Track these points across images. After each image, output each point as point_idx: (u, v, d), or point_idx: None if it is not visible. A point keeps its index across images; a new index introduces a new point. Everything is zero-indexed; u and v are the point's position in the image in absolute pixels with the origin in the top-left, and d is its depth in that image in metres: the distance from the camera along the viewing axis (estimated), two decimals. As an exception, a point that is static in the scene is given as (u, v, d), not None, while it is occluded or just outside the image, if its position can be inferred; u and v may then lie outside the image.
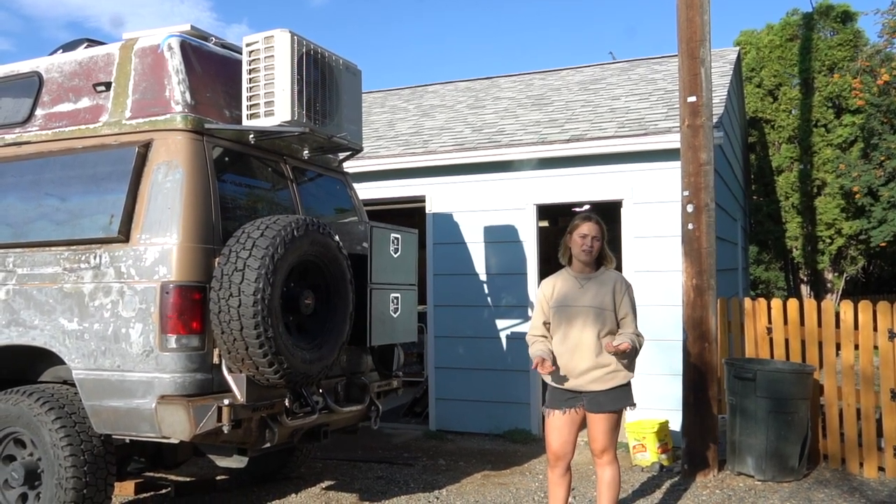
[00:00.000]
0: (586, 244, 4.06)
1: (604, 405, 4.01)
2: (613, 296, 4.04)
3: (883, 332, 5.65)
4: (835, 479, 5.64)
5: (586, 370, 4.00)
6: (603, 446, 4.05)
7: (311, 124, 4.52)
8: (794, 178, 16.07)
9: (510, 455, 6.67)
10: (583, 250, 4.07)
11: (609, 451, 4.06)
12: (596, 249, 4.08)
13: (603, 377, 3.99)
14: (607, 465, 4.07)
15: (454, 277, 7.75)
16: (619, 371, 4.01)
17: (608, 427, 4.04)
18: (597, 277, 4.10)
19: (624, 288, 4.08)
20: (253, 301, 3.90)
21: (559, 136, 7.53)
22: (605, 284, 4.07)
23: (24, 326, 4.38)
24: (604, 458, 4.07)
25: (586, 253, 4.07)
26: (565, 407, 4.07)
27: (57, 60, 4.75)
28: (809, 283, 17.48)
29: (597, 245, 4.07)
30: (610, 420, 4.04)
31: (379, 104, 11.03)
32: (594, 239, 4.06)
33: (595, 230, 4.07)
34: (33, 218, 4.50)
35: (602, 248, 4.11)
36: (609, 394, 4.01)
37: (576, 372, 4.02)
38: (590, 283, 4.09)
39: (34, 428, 4.23)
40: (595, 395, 4.01)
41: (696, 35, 5.89)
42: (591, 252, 4.07)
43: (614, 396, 4.02)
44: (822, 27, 16.38)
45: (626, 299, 4.06)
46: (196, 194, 4.16)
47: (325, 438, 4.85)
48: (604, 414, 4.02)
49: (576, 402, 4.05)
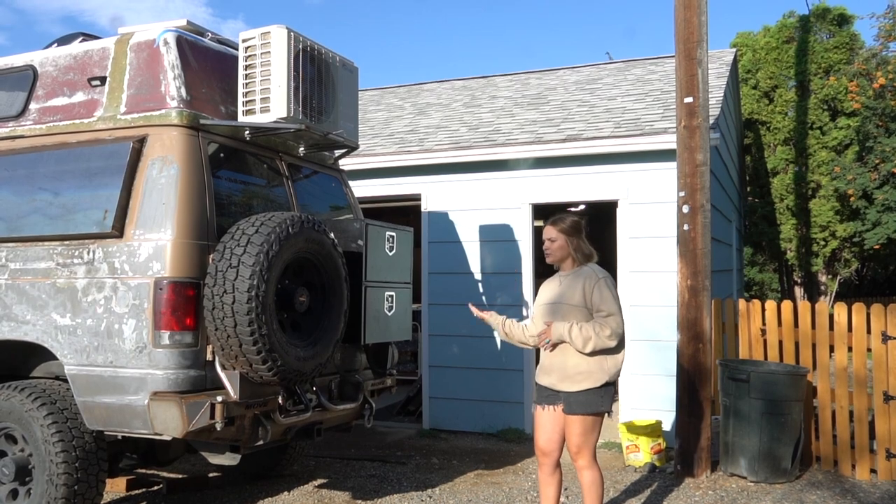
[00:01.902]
0: (545, 247, 4.17)
1: (573, 407, 3.96)
2: (583, 291, 3.99)
3: (876, 334, 5.66)
4: (827, 481, 5.66)
5: (557, 368, 4.01)
6: (575, 447, 3.99)
7: (307, 121, 4.51)
8: (789, 180, 16.11)
9: (503, 454, 6.67)
10: (545, 253, 4.17)
11: (583, 453, 3.99)
12: (554, 250, 4.11)
13: (572, 377, 3.95)
14: (585, 469, 4.02)
15: (449, 276, 7.74)
16: (592, 373, 3.93)
17: (579, 429, 3.97)
18: (572, 274, 4.11)
19: (594, 281, 3.99)
20: (247, 298, 3.89)
21: (555, 135, 7.53)
22: (576, 279, 4.06)
23: (17, 321, 4.35)
24: (579, 462, 4.02)
25: (547, 255, 4.16)
26: (546, 403, 4.08)
27: (52, 54, 4.73)
28: (803, 284, 17.53)
29: (554, 245, 4.11)
30: (580, 423, 3.96)
31: (375, 102, 11.01)
32: (550, 240, 4.12)
33: (550, 232, 4.12)
34: (26, 212, 4.47)
35: (566, 247, 4.10)
36: (579, 396, 3.94)
37: (548, 369, 4.07)
38: (566, 279, 4.11)
39: (25, 424, 4.21)
40: (567, 396, 3.98)
41: (694, 36, 5.89)
42: (549, 254, 4.15)
43: (583, 399, 3.94)
44: (819, 30, 16.41)
45: (596, 292, 3.96)
46: (191, 190, 4.14)
47: (318, 436, 4.84)
48: (574, 416, 3.97)
49: (556, 399, 4.04)
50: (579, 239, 4.12)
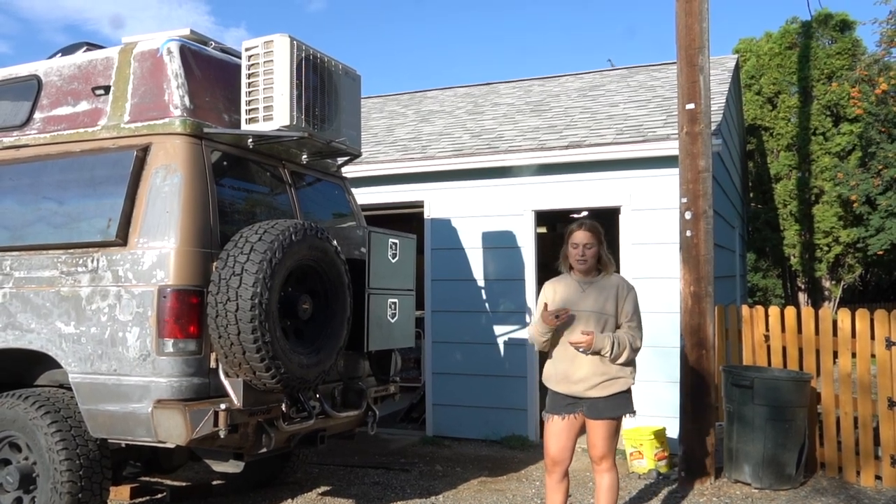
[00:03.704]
0: (578, 253, 4.06)
1: (603, 412, 4.00)
2: (616, 300, 4.03)
3: (880, 340, 5.65)
4: (832, 488, 5.64)
5: (585, 377, 3.99)
6: (602, 453, 4.05)
7: (309, 129, 4.52)
8: (793, 186, 16.09)
9: (507, 461, 6.65)
10: (577, 260, 4.07)
11: (608, 457, 4.06)
12: (590, 257, 4.05)
13: (602, 384, 3.98)
14: (606, 471, 4.07)
15: (452, 283, 7.74)
16: (619, 378, 4.00)
17: (607, 434, 4.04)
18: (598, 282, 4.09)
19: (626, 292, 4.07)
20: (250, 305, 3.89)
21: (558, 142, 7.54)
22: (606, 289, 4.06)
23: (21, 330, 4.36)
24: (602, 465, 4.07)
25: (581, 262, 4.07)
26: (564, 413, 4.06)
27: (56, 64, 4.75)
28: (807, 290, 17.49)
29: (590, 252, 4.05)
30: (609, 427, 4.04)
31: (378, 109, 11.04)
32: (586, 247, 4.04)
33: (587, 238, 4.04)
34: (31, 221, 4.49)
35: (599, 254, 4.08)
36: (608, 401, 4.00)
37: (575, 378, 4.01)
38: (591, 287, 4.08)
39: (30, 432, 4.21)
40: (594, 402, 4.00)
41: (695, 42, 5.90)
42: (586, 261, 4.06)
43: (613, 403, 4.01)
44: (821, 36, 16.41)
45: (628, 303, 4.05)
46: (194, 198, 4.16)
47: (321, 444, 4.84)
48: (603, 420, 4.01)
49: (575, 407, 4.05)
50: (604, 244, 4.13)
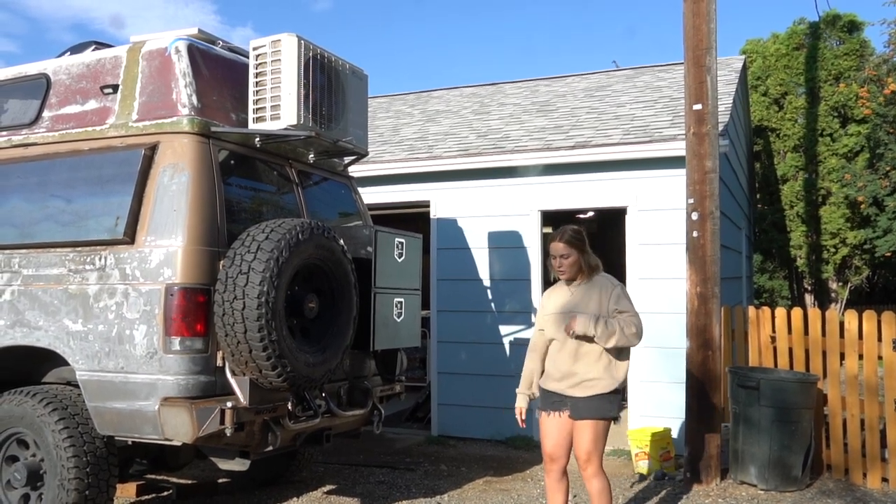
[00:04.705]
0: (557, 264, 4.11)
1: (583, 412, 3.98)
2: (600, 298, 4.03)
3: (887, 342, 5.63)
4: (838, 490, 5.62)
5: (567, 374, 4.02)
6: (584, 454, 3.98)
7: (316, 128, 4.54)
8: (799, 187, 16.04)
9: (512, 461, 6.66)
10: (557, 270, 4.13)
11: (592, 461, 3.99)
12: (568, 266, 4.07)
13: (583, 384, 3.97)
14: (593, 477, 4.01)
15: (458, 282, 7.75)
16: (600, 380, 3.97)
17: (589, 435, 3.98)
18: (584, 284, 4.11)
19: (610, 289, 4.05)
20: (257, 304, 3.91)
21: (564, 142, 7.53)
22: (590, 290, 4.08)
23: (29, 327, 4.38)
24: (588, 470, 4.00)
25: (560, 273, 4.12)
26: (551, 409, 4.09)
27: (65, 63, 4.77)
28: (813, 292, 17.42)
29: (567, 262, 4.07)
30: (590, 428, 3.98)
31: (384, 109, 11.04)
32: (563, 257, 4.08)
33: (562, 249, 4.07)
34: (39, 219, 4.51)
35: (579, 261, 4.07)
36: (589, 401, 3.97)
37: (556, 375, 4.06)
38: (578, 289, 4.11)
39: (37, 429, 4.23)
40: (575, 401, 4.01)
41: (703, 43, 5.89)
42: (564, 271, 4.10)
43: (594, 405, 3.97)
44: (829, 36, 16.36)
45: (612, 299, 4.01)
46: (202, 197, 4.17)
47: (327, 442, 4.84)
48: (583, 421, 3.99)
49: (562, 405, 4.06)
50: (587, 249, 4.12)
